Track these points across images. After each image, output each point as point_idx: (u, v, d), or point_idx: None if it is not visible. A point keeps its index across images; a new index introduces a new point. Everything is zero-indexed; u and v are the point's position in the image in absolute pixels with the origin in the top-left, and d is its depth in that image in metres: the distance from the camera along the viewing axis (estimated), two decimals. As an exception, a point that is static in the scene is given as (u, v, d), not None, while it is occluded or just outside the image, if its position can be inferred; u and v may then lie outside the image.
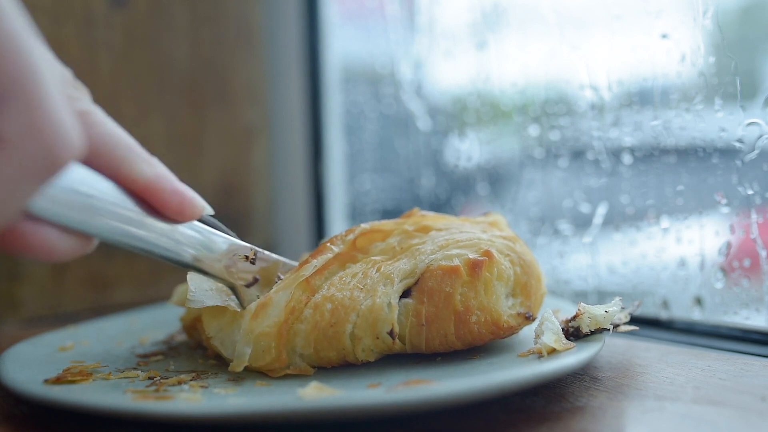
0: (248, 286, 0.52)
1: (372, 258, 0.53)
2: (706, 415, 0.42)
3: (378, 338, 0.49)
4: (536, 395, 0.47)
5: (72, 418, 0.46)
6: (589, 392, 0.47)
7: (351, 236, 0.54)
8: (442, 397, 0.40)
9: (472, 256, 0.51)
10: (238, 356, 0.50)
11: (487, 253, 0.51)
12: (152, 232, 0.44)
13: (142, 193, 0.43)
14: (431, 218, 0.57)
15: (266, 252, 0.54)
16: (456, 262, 0.51)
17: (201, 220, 0.50)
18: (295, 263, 0.56)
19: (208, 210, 0.47)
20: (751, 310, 0.63)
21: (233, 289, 0.52)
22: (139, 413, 0.41)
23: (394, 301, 0.50)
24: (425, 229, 0.55)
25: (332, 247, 0.53)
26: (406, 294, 0.51)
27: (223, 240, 0.50)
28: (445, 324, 0.50)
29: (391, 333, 0.49)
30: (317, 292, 0.50)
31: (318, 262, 0.52)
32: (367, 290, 0.50)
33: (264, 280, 0.53)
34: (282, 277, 0.53)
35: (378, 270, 0.51)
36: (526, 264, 0.54)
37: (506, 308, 0.52)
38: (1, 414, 0.48)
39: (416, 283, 0.51)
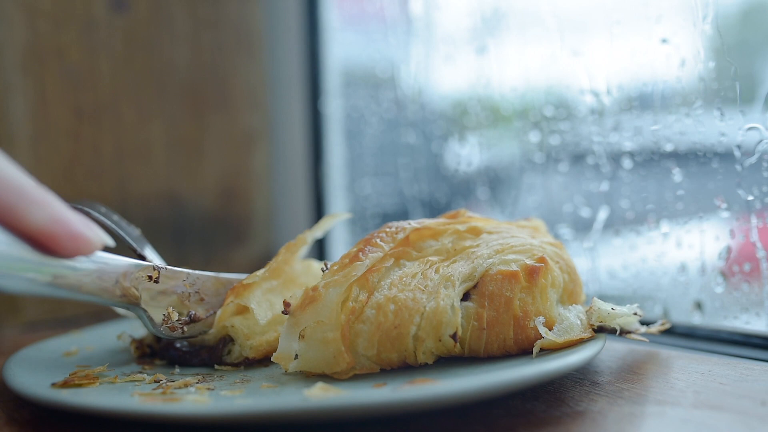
0: (183, 322, 0.54)
1: (429, 258, 0.53)
2: (706, 419, 0.42)
3: (440, 341, 0.49)
4: (537, 399, 0.47)
5: (75, 422, 0.46)
6: (590, 397, 0.47)
7: (401, 234, 0.53)
8: (448, 395, 0.41)
9: (528, 262, 0.52)
10: (286, 351, 0.49)
11: (543, 260, 0.52)
12: (35, 282, 0.44)
13: (36, 239, 0.43)
14: (480, 220, 0.57)
15: (174, 268, 0.55)
16: (514, 267, 0.51)
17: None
18: (206, 273, 0.57)
19: (108, 243, 0.46)
20: (751, 314, 0.63)
21: (139, 309, 0.52)
22: (148, 415, 0.41)
23: (457, 303, 0.50)
24: (476, 231, 0.56)
25: (382, 244, 0.52)
26: (465, 297, 0.51)
27: (119, 264, 0.50)
28: (505, 329, 0.50)
29: (453, 336, 0.49)
30: (375, 290, 0.50)
31: (369, 260, 0.51)
32: (429, 292, 0.50)
33: (205, 294, 0.56)
34: (326, 266, 0.52)
35: (437, 271, 0.51)
36: (573, 271, 0.55)
37: (557, 314, 0.52)
38: (4, 418, 0.48)
39: (475, 286, 0.51)
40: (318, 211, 1.03)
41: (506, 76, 0.85)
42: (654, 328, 0.55)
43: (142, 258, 0.57)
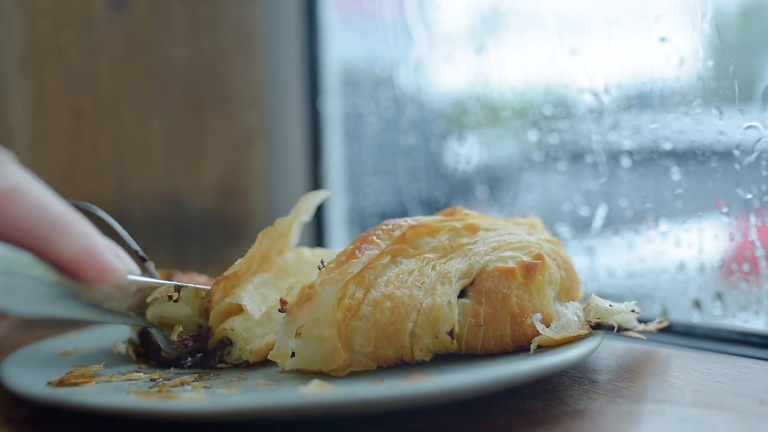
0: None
1: (426, 255, 0.53)
2: (705, 418, 0.42)
3: (437, 337, 0.49)
4: (535, 398, 0.47)
5: (72, 421, 0.46)
6: (588, 395, 0.47)
7: (398, 231, 0.53)
8: (445, 391, 0.41)
9: (525, 258, 0.52)
10: (283, 349, 0.49)
11: (540, 257, 0.52)
12: (67, 307, 0.46)
13: (66, 268, 0.44)
14: (476, 217, 0.57)
15: (195, 285, 0.55)
16: (511, 264, 0.51)
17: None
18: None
19: (134, 272, 0.48)
20: (749, 313, 0.63)
21: (154, 330, 0.54)
22: (144, 412, 0.41)
23: (454, 300, 0.50)
24: (472, 228, 0.56)
25: (378, 241, 0.52)
26: (462, 294, 0.51)
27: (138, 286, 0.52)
28: (502, 325, 0.50)
29: (450, 333, 0.49)
30: (372, 287, 0.50)
31: (365, 258, 0.50)
32: (426, 289, 0.50)
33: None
34: (323, 263, 0.51)
35: (434, 268, 0.51)
36: (570, 268, 0.56)
37: (554, 311, 0.52)
38: (2, 417, 0.48)
39: (472, 283, 0.51)
40: (317, 210, 1.03)
41: (505, 75, 0.85)
42: (652, 326, 0.55)
43: (144, 260, 0.57)
